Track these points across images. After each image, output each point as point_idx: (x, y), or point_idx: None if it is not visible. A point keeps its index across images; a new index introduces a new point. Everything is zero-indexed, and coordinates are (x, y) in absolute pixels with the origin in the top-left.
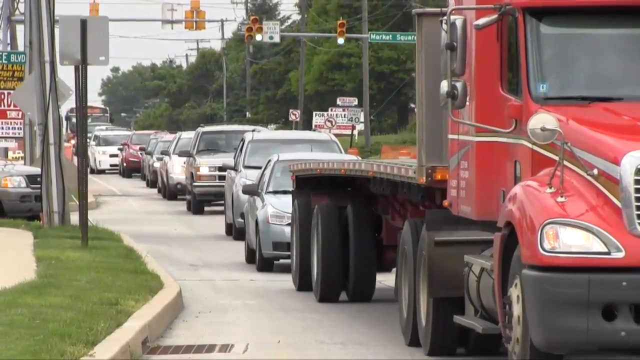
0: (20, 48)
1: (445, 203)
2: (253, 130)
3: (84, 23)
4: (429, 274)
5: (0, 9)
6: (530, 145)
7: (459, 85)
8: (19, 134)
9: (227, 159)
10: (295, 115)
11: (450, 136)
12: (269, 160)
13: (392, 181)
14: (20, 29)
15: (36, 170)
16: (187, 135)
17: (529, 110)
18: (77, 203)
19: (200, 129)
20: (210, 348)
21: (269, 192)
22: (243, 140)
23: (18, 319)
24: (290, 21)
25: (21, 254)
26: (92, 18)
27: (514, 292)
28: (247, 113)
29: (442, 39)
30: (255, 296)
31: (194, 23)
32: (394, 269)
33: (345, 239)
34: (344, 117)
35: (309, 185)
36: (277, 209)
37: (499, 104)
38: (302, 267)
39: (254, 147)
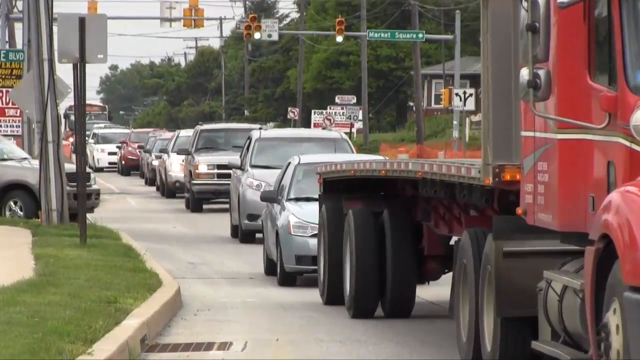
0: (19, 46)
1: (519, 211)
2: (260, 128)
3: (82, 21)
4: (497, 291)
5: None
6: (628, 143)
7: (542, 73)
8: (17, 132)
9: (225, 157)
10: (293, 113)
11: (524, 133)
12: (289, 163)
13: (447, 183)
14: (18, 27)
15: (72, 167)
16: (186, 134)
17: (626, 102)
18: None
19: (199, 127)
20: (208, 346)
21: (291, 200)
22: (250, 138)
23: (17, 317)
24: (288, 19)
25: (20, 252)
26: (91, 16)
27: (612, 319)
28: (246, 111)
29: (522, 19)
30: (253, 294)
31: (193, 21)
32: (434, 282)
33: (381, 248)
34: (343, 115)
35: (338, 188)
36: (300, 219)
37: (586, 95)
38: (331, 279)
39: (262, 146)
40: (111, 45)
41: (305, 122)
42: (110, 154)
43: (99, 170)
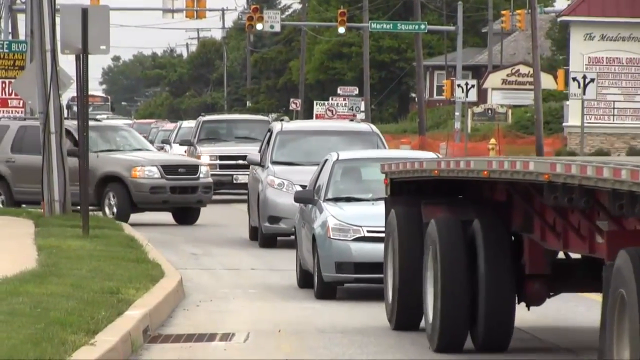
0: (22, 37)
1: None
2: (281, 120)
3: (85, 12)
4: None
5: None
6: None
7: None
8: None
9: (228, 147)
10: (296, 104)
11: None
12: (326, 160)
13: (589, 189)
14: (21, 18)
15: (173, 159)
16: (188, 124)
17: None
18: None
19: (201, 118)
20: (211, 337)
21: (329, 200)
22: (270, 131)
23: (19, 307)
24: (291, 10)
25: (22, 242)
26: (93, 7)
27: None
28: (248, 102)
29: None
30: (255, 285)
31: (195, 12)
32: (541, 304)
33: (472, 265)
34: (345, 106)
35: (409, 190)
36: (340, 221)
37: None
38: (404, 301)
39: (283, 140)
40: (113, 37)
41: (308, 113)
42: None
43: None
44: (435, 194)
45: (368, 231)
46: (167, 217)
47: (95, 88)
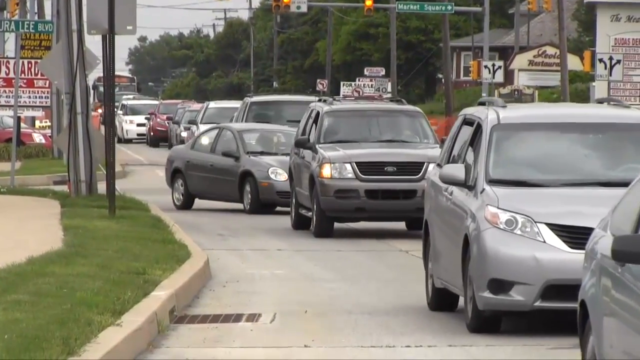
0: (48, 17)
1: None
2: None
3: None
4: None
5: None
6: None
7: None
8: (46, 103)
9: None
10: (322, 85)
11: None
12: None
13: None
14: None
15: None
16: (215, 105)
17: None
18: (105, 172)
19: (248, 99)
20: (237, 318)
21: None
22: (318, 112)
23: (45, 288)
24: None
25: (48, 223)
26: None
27: None
28: (275, 83)
29: None
30: (282, 266)
31: None
32: None
33: None
34: (371, 87)
35: None
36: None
37: None
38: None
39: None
40: (140, 17)
41: (334, 94)
42: (138, 125)
43: (128, 141)
44: None
45: None
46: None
47: (122, 68)
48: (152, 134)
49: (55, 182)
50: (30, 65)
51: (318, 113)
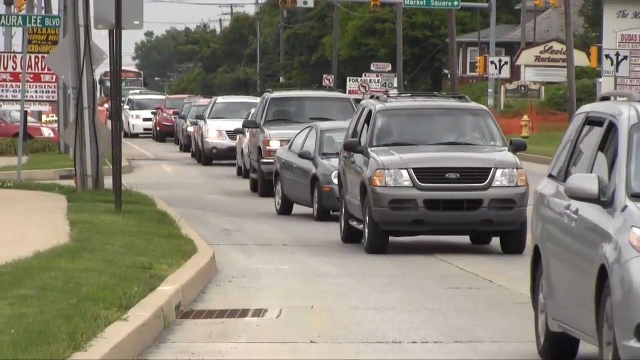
0: (55, 12)
1: None
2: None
3: None
4: None
5: None
6: None
7: None
8: (52, 97)
9: (293, 130)
10: (329, 80)
11: None
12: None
13: None
14: None
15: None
16: (223, 100)
17: None
18: (111, 167)
19: (269, 95)
20: (243, 312)
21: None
22: (370, 111)
23: (52, 282)
24: None
25: (55, 217)
26: None
27: None
28: (281, 78)
29: None
30: (287, 261)
31: None
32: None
33: None
34: (378, 82)
35: None
36: None
37: None
38: None
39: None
40: (147, 12)
41: (341, 90)
42: (145, 120)
43: (134, 136)
44: None
45: None
46: (199, 192)
47: (128, 63)
48: (158, 128)
49: (62, 177)
50: (37, 60)
51: (370, 112)
